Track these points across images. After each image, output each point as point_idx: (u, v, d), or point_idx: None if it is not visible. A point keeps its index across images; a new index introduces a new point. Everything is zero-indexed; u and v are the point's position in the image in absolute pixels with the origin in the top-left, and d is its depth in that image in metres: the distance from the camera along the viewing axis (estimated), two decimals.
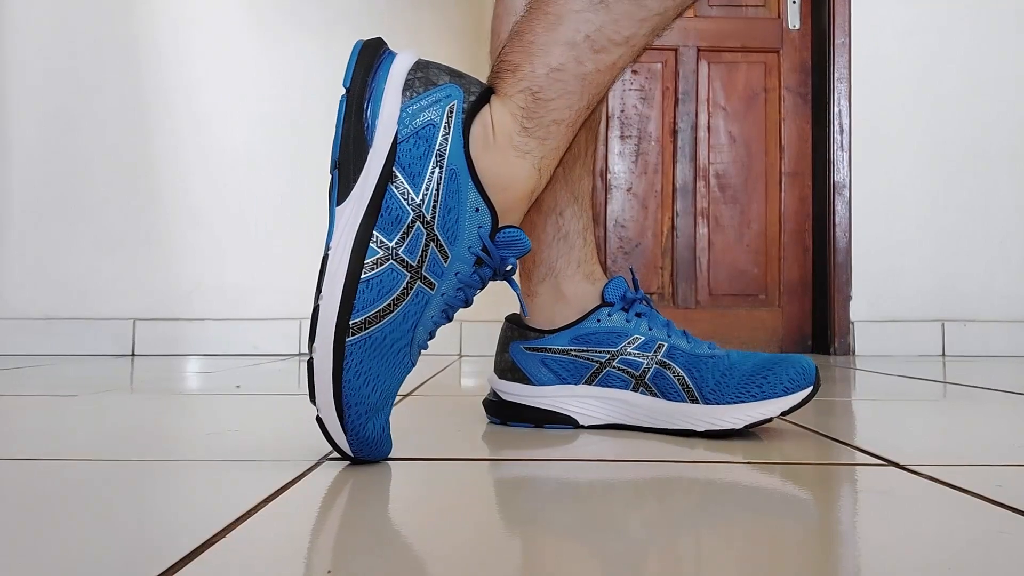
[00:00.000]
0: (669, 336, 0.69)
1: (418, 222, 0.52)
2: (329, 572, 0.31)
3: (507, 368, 0.73)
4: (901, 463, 0.54)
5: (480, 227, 0.54)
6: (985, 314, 2.03)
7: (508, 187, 0.56)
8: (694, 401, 0.66)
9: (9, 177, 1.92)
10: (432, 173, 0.53)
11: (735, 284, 2.14)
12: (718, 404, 0.65)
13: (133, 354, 1.88)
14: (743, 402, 0.65)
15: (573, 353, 0.71)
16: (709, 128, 2.16)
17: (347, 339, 0.50)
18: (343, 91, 0.54)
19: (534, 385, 0.71)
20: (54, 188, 1.92)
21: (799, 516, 0.42)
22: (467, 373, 1.37)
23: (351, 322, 0.50)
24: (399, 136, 0.53)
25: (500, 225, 0.56)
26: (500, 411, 0.73)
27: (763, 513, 0.43)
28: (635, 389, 0.69)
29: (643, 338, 0.69)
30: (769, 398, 0.64)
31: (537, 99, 0.56)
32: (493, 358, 0.76)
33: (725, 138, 2.16)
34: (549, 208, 0.75)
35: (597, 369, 0.70)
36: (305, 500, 0.44)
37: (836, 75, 2.06)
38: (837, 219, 2.05)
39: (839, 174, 2.06)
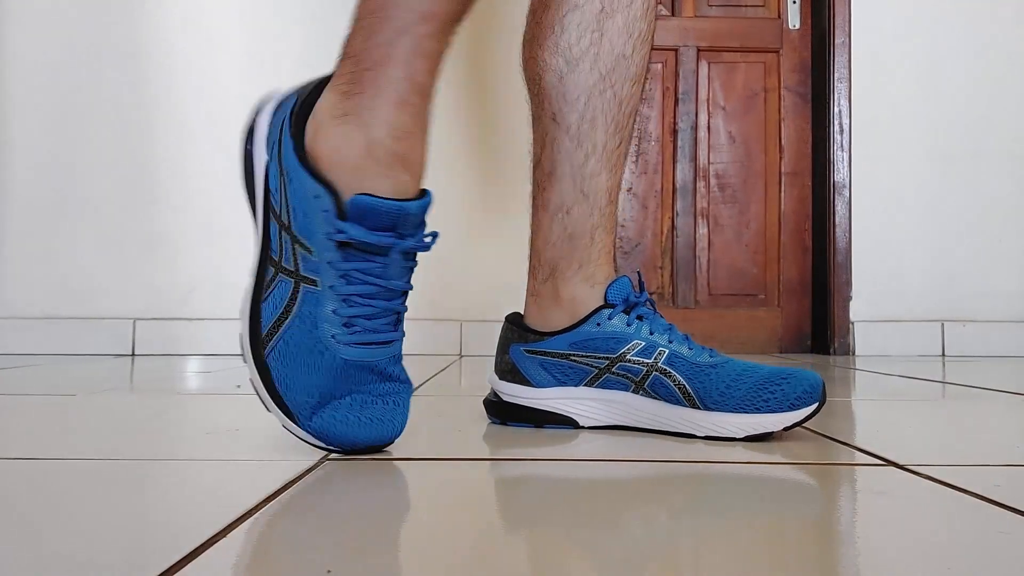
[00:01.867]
0: (670, 342, 0.68)
1: (282, 230, 0.57)
2: (329, 572, 0.31)
3: (507, 369, 0.73)
4: (901, 463, 0.54)
5: (325, 210, 0.55)
6: (985, 314, 2.03)
7: (339, 159, 0.56)
8: (695, 407, 0.66)
9: (9, 177, 1.92)
10: (280, 182, 0.57)
11: (735, 284, 2.14)
12: (721, 412, 0.65)
13: (133, 354, 1.88)
14: (747, 412, 0.65)
15: (572, 358, 0.70)
16: (709, 128, 2.16)
17: (264, 352, 0.56)
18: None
19: (534, 387, 0.71)
20: (54, 188, 1.92)
21: (799, 516, 0.42)
22: (467, 373, 1.37)
23: (262, 336, 0.56)
24: (267, 164, 0.58)
25: (347, 198, 0.54)
26: (500, 411, 0.73)
27: (763, 513, 0.43)
28: (635, 392, 0.69)
29: (643, 344, 0.68)
30: (775, 411, 0.64)
31: (350, 58, 0.57)
32: (493, 358, 0.76)
33: (725, 138, 2.16)
34: (555, 207, 0.74)
35: (596, 374, 0.70)
36: (305, 500, 0.44)
37: (836, 75, 2.06)
38: (837, 219, 2.05)
39: (839, 174, 2.06)
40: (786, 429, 0.64)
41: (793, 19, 2.16)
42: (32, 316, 1.89)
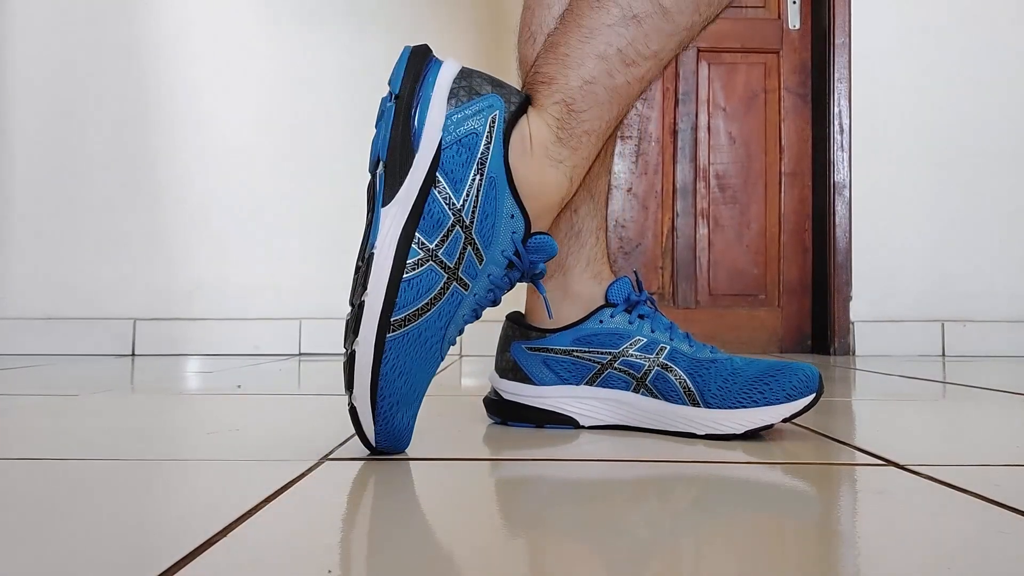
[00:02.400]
0: (672, 339, 0.69)
1: (457, 226, 0.55)
2: (329, 572, 0.31)
3: (508, 367, 0.73)
4: (901, 463, 0.54)
5: (514, 232, 0.57)
6: (985, 314, 2.03)
7: (541, 195, 0.59)
8: (695, 404, 0.66)
9: (10, 177, 1.92)
10: (473, 180, 0.56)
11: (735, 284, 2.14)
12: (720, 408, 0.65)
13: (133, 354, 1.88)
14: (745, 407, 0.65)
15: (575, 354, 0.70)
16: (709, 128, 2.16)
17: (388, 335, 0.53)
18: (387, 94, 0.57)
19: (535, 385, 0.71)
20: (55, 188, 1.92)
21: (799, 516, 0.42)
22: (467, 373, 1.38)
23: (392, 319, 0.53)
24: (443, 143, 0.56)
25: (532, 231, 0.58)
26: (501, 410, 0.73)
27: (763, 513, 0.43)
28: (635, 390, 0.69)
29: (645, 340, 0.69)
30: (771, 404, 0.64)
31: (571, 110, 0.59)
32: (494, 357, 0.76)
33: (725, 138, 2.16)
34: (564, 205, 0.76)
35: (599, 370, 0.70)
36: (305, 500, 0.44)
37: (836, 75, 2.06)
38: (837, 219, 2.05)
39: (839, 174, 2.06)
40: (785, 420, 0.65)
41: (793, 19, 2.16)
42: (33, 316, 1.90)
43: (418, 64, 0.57)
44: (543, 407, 0.71)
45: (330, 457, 0.55)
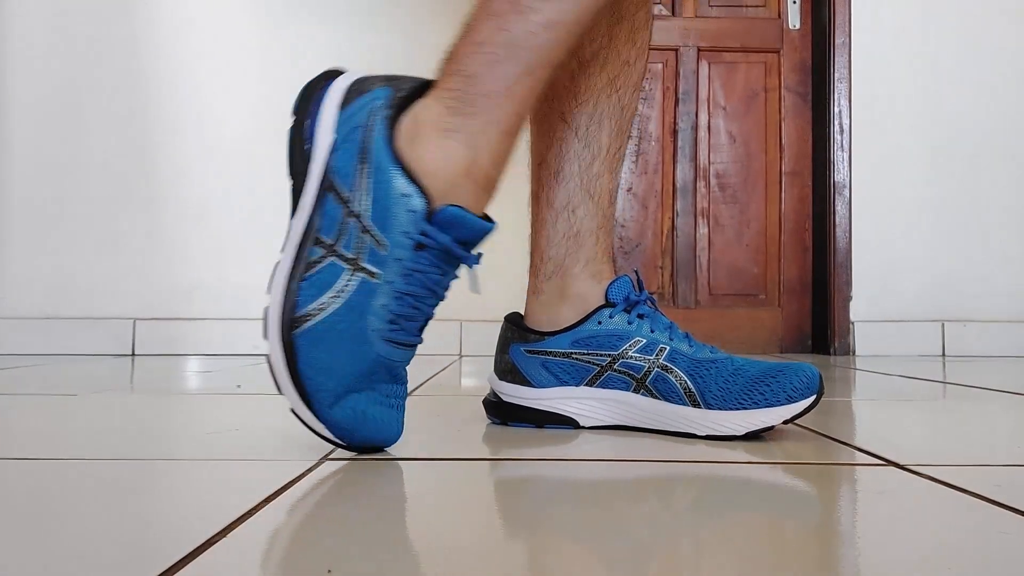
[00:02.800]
0: (671, 339, 0.68)
1: (351, 218, 0.56)
2: (329, 572, 0.31)
3: (507, 369, 0.73)
4: (901, 463, 0.54)
5: (412, 211, 0.56)
6: (985, 314, 2.03)
7: (441, 169, 0.57)
8: (696, 405, 0.66)
9: (9, 177, 1.92)
10: (359, 169, 0.57)
11: (735, 284, 2.14)
12: (720, 410, 0.65)
13: (133, 354, 1.88)
14: (745, 408, 0.64)
15: (574, 356, 0.70)
16: (709, 128, 2.16)
17: (293, 332, 0.54)
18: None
19: (534, 387, 0.71)
20: (54, 188, 1.92)
21: (799, 516, 0.42)
22: (467, 373, 1.37)
23: (295, 315, 0.54)
24: (335, 144, 0.57)
25: (439, 206, 0.56)
26: (500, 412, 0.73)
27: (763, 513, 0.43)
28: (636, 391, 0.68)
29: (644, 340, 0.68)
30: (772, 405, 0.64)
31: (464, 76, 0.58)
32: (493, 357, 0.76)
33: (725, 138, 2.16)
34: (561, 205, 0.75)
35: (598, 372, 0.70)
36: (305, 500, 0.44)
37: (836, 75, 2.06)
38: (837, 219, 2.05)
39: (839, 174, 2.06)
40: (786, 422, 0.64)
41: (793, 19, 2.16)
42: (32, 316, 1.90)
43: (316, 83, 0.60)
44: (542, 408, 0.71)
45: (330, 457, 0.55)
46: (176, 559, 0.33)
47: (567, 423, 0.71)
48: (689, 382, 0.66)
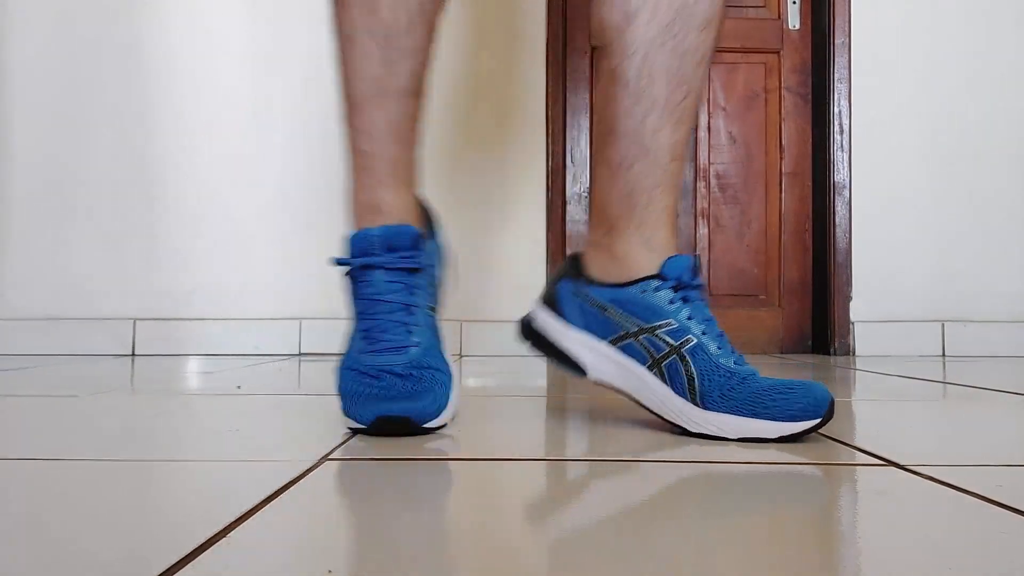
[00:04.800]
0: (704, 334, 0.68)
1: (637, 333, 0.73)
2: (329, 572, 0.31)
3: (549, 298, 0.77)
4: (901, 463, 0.54)
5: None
6: (985, 314, 2.03)
7: (347, 210, 0.79)
8: (694, 403, 0.66)
9: (10, 177, 1.92)
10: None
11: (735, 284, 2.14)
12: (718, 412, 0.65)
13: (133, 354, 1.88)
14: (744, 416, 0.64)
15: (608, 312, 0.71)
16: (709, 128, 2.16)
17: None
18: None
19: (564, 321, 0.74)
20: (54, 188, 1.92)
21: (799, 516, 0.42)
22: (468, 373, 1.38)
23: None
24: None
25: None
26: (527, 333, 0.78)
27: (763, 513, 0.43)
28: (650, 368, 0.69)
29: (677, 325, 0.68)
30: (774, 419, 0.63)
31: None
32: (493, 358, 0.78)
33: (725, 138, 2.16)
34: (616, 163, 0.74)
35: (623, 335, 0.70)
36: (305, 500, 0.44)
37: (836, 75, 2.06)
38: (837, 219, 2.05)
39: (839, 174, 2.06)
40: (781, 440, 0.63)
41: (793, 19, 2.16)
42: (32, 317, 1.90)
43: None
44: (560, 345, 0.74)
45: (330, 457, 0.55)
46: (176, 559, 0.33)
47: (575, 369, 0.73)
48: (697, 380, 0.66)
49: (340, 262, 0.72)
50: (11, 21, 1.93)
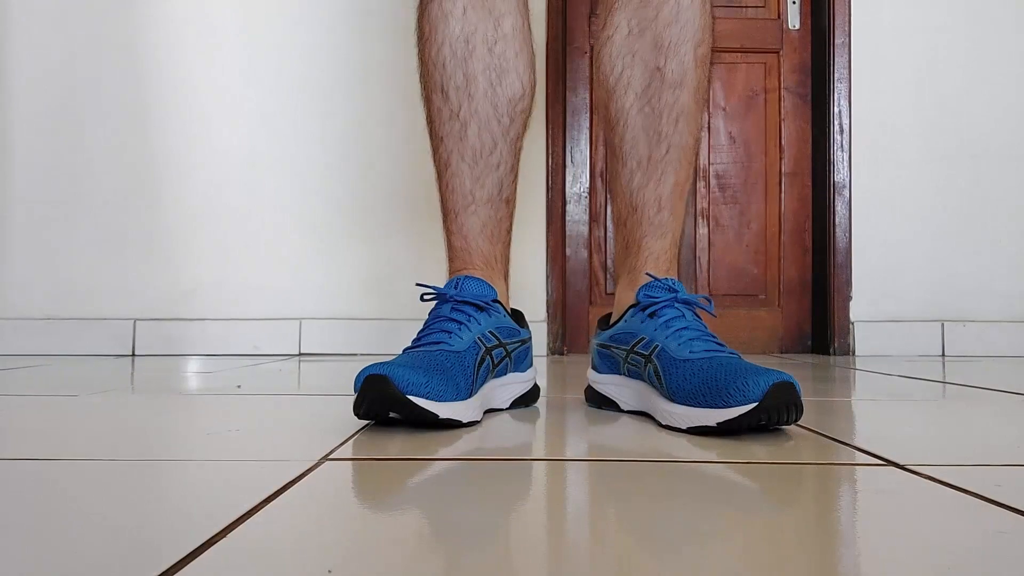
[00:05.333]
0: (666, 338, 0.73)
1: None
2: (329, 572, 0.31)
3: (592, 359, 0.87)
4: (901, 463, 0.54)
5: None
6: (985, 314, 2.03)
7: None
8: (669, 399, 0.70)
9: (10, 177, 1.92)
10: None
11: (735, 284, 2.14)
12: (674, 403, 0.69)
13: (133, 354, 1.88)
14: (690, 405, 0.66)
15: (610, 348, 0.81)
16: (709, 128, 2.16)
17: None
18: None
19: (597, 372, 0.84)
20: (54, 188, 1.92)
21: (799, 516, 0.42)
22: None
23: None
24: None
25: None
26: (588, 395, 0.87)
27: (763, 513, 0.43)
28: (645, 380, 0.75)
29: (646, 338, 0.75)
30: (712, 407, 0.64)
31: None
32: None
33: (725, 138, 2.16)
34: (616, 222, 0.87)
35: (622, 363, 0.79)
36: (305, 500, 0.44)
37: (836, 75, 2.06)
38: (837, 219, 2.05)
39: (839, 174, 2.06)
40: (721, 425, 0.63)
41: (793, 19, 2.16)
42: (32, 317, 1.90)
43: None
44: (600, 391, 0.83)
45: (330, 457, 0.55)
46: (176, 559, 0.33)
47: (612, 405, 0.81)
48: (663, 377, 0.71)
49: (424, 298, 0.79)
50: (10, 21, 1.93)
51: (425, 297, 0.79)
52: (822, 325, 2.09)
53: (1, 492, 0.46)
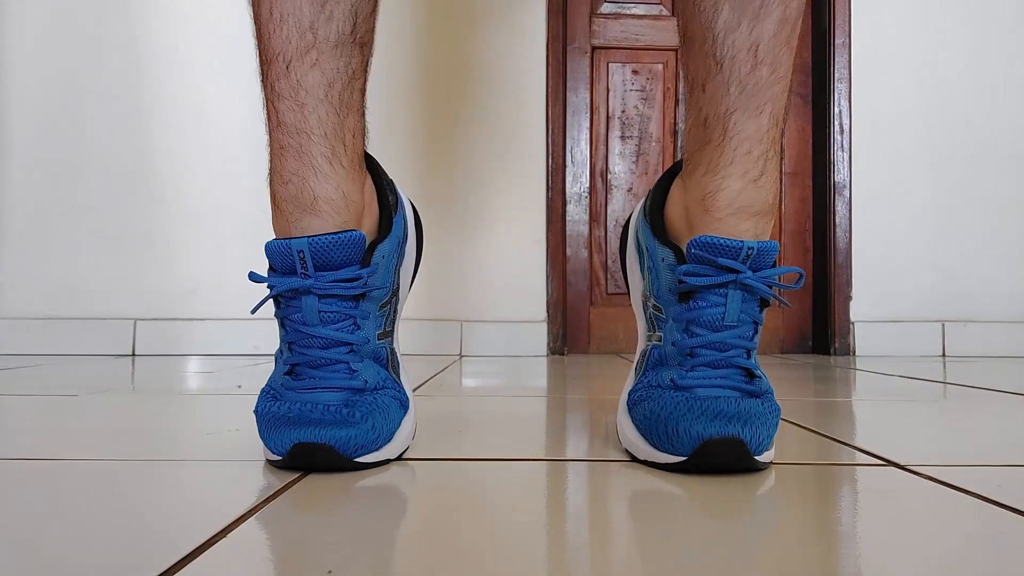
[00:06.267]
0: (674, 342, 0.58)
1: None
2: (329, 572, 0.31)
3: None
4: (901, 463, 0.54)
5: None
6: (985, 314, 2.03)
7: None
8: (629, 397, 0.59)
9: (9, 177, 1.92)
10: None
11: None
12: (628, 412, 0.58)
13: (133, 354, 1.88)
14: (633, 422, 0.56)
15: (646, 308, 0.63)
16: None
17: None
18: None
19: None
20: (54, 188, 1.92)
21: (799, 516, 0.42)
22: (467, 373, 1.37)
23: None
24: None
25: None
26: None
27: (763, 513, 0.43)
28: None
29: (663, 313, 0.58)
30: (647, 443, 0.53)
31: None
32: (493, 358, 0.77)
33: None
34: (689, 84, 0.59)
35: (641, 272, 0.62)
36: (305, 500, 0.44)
37: (836, 75, 2.06)
38: (837, 219, 2.05)
39: (839, 174, 2.06)
40: (648, 464, 0.53)
41: None
42: (32, 316, 1.90)
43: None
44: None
45: None
46: (176, 559, 0.33)
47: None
48: (640, 375, 0.59)
49: (254, 278, 0.56)
50: (10, 19, 1.93)
51: (254, 276, 0.56)
52: (822, 325, 2.09)
53: (2, 492, 0.46)
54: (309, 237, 0.52)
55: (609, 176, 2.13)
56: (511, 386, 1.14)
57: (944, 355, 2.00)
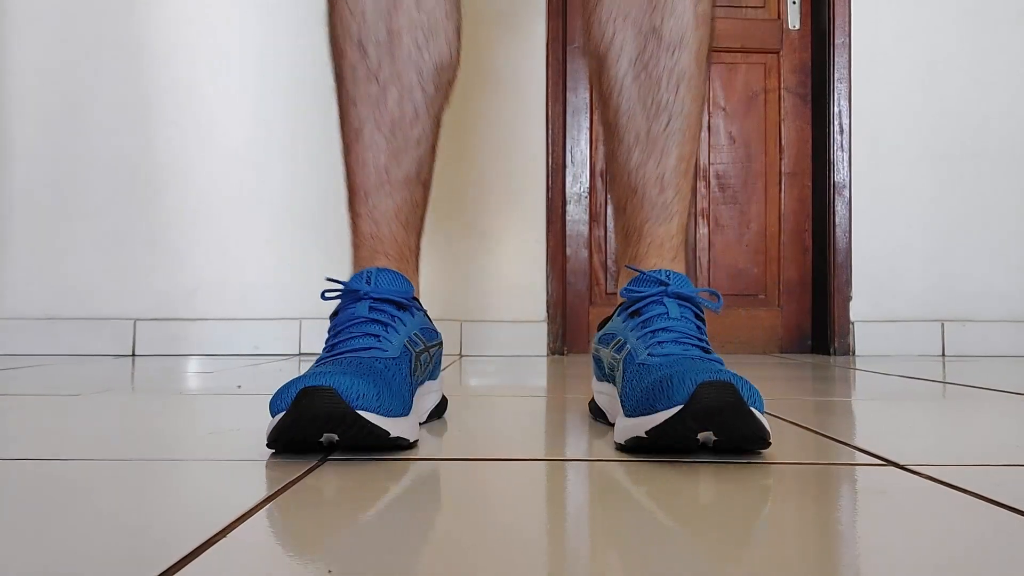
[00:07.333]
0: (637, 339, 0.63)
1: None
2: (329, 572, 0.31)
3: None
4: (901, 463, 0.54)
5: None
6: (985, 314, 2.03)
7: None
8: (621, 406, 0.61)
9: (10, 177, 1.92)
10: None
11: (735, 284, 2.14)
12: (625, 415, 0.58)
13: (134, 354, 1.88)
14: (628, 416, 0.57)
15: (599, 352, 0.73)
16: (709, 128, 2.16)
17: None
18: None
19: (595, 379, 0.76)
20: (55, 188, 1.92)
21: (799, 516, 0.42)
22: (467, 373, 1.38)
23: None
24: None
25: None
26: (590, 407, 0.78)
27: (763, 513, 0.43)
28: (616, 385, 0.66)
29: (622, 340, 0.66)
30: (646, 413, 0.54)
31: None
32: (493, 358, 0.78)
33: (725, 139, 2.16)
34: (616, 207, 0.77)
35: (606, 368, 0.70)
36: (305, 500, 0.44)
37: (836, 75, 2.06)
38: (837, 219, 2.05)
39: (839, 174, 2.06)
40: (650, 433, 0.53)
41: (793, 19, 2.16)
42: (33, 317, 1.90)
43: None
44: (596, 401, 0.74)
45: (330, 457, 0.55)
46: (176, 559, 0.33)
47: (603, 416, 0.71)
48: (623, 384, 0.61)
49: (326, 295, 0.68)
50: (12, 22, 1.93)
51: (328, 295, 0.68)
52: (822, 325, 2.09)
53: (2, 492, 0.46)
54: (377, 268, 0.68)
55: (609, 176, 2.13)
56: (511, 386, 1.14)
57: (943, 355, 2.00)
